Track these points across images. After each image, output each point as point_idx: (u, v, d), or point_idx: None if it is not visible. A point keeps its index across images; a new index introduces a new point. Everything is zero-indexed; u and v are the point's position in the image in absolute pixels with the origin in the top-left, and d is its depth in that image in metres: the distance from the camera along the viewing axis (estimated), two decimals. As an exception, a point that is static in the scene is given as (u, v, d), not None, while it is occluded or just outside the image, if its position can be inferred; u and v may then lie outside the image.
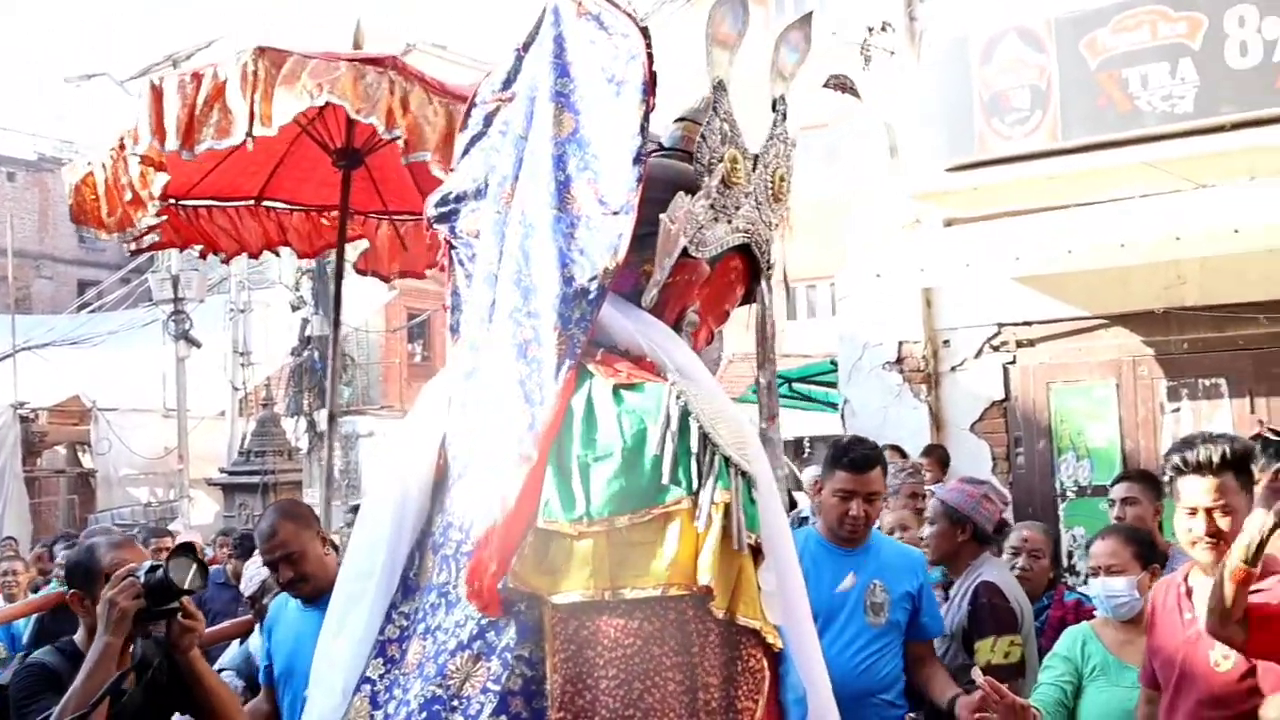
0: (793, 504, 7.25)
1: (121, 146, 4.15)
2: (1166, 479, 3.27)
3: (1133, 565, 3.72)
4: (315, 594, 3.66)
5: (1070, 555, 7.56)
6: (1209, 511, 3.02)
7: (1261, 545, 2.68)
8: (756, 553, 1.83)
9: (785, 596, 1.94)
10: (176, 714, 3.06)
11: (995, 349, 8.06)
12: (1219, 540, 2.99)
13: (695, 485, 1.77)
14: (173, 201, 5.10)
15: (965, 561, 4.37)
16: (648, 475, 1.80)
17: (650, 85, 1.99)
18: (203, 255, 5.73)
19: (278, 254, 5.96)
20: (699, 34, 2.11)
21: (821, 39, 2.43)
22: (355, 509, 10.16)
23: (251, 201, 5.45)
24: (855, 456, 3.79)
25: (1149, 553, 3.83)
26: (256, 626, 4.56)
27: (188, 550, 2.75)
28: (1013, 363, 8.02)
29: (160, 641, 2.79)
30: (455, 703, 1.85)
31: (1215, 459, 3.02)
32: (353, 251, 5.83)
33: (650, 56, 2.00)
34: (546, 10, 2.10)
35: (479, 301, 2.08)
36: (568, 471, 1.85)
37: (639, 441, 1.82)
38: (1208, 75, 6.84)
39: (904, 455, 7.30)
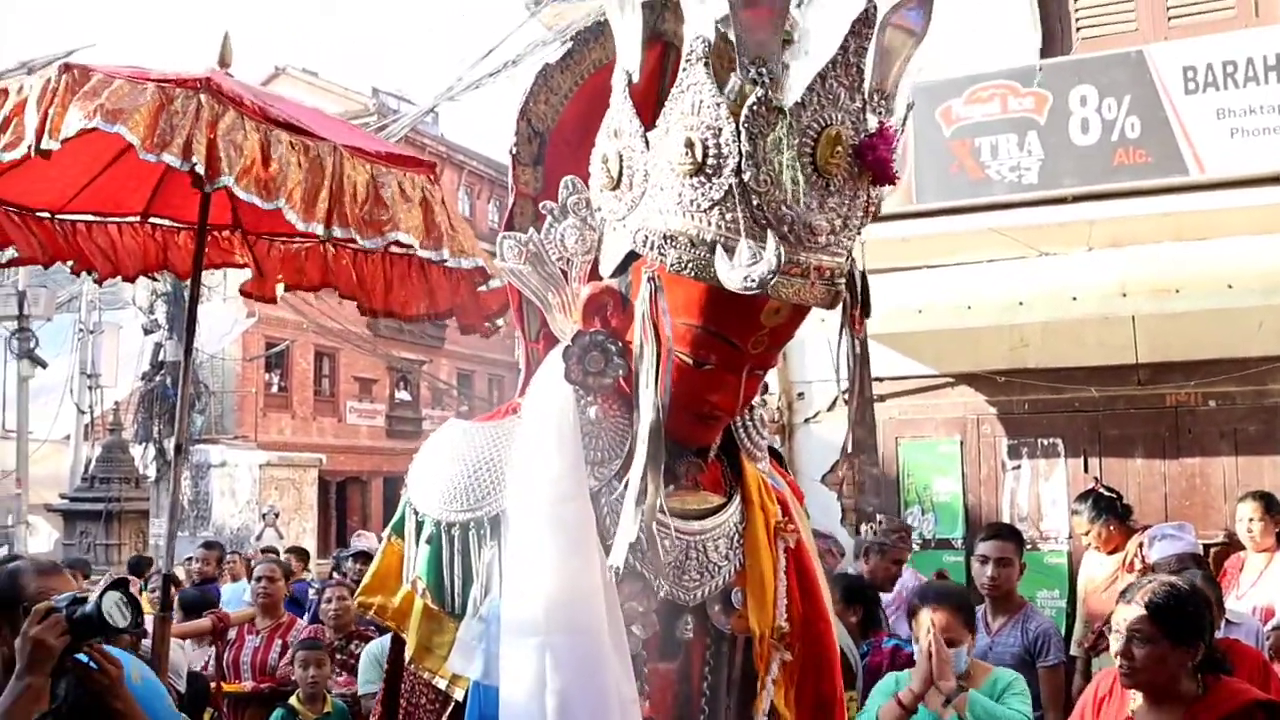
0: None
1: None
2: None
3: (963, 633, 3.83)
4: None
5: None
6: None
7: None
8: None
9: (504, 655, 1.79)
10: None
11: (848, 403, 8.23)
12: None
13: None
14: (48, 215, 4.91)
15: None
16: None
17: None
18: (75, 271, 5.47)
19: (154, 278, 5.74)
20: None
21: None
22: (208, 544, 9.80)
23: (137, 218, 5.23)
24: None
25: (971, 616, 3.97)
26: None
27: (122, 585, 2.60)
28: (864, 417, 8.22)
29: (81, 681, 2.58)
30: None
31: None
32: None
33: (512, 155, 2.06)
34: None
35: None
36: None
37: None
38: (1052, 149, 7.16)
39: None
